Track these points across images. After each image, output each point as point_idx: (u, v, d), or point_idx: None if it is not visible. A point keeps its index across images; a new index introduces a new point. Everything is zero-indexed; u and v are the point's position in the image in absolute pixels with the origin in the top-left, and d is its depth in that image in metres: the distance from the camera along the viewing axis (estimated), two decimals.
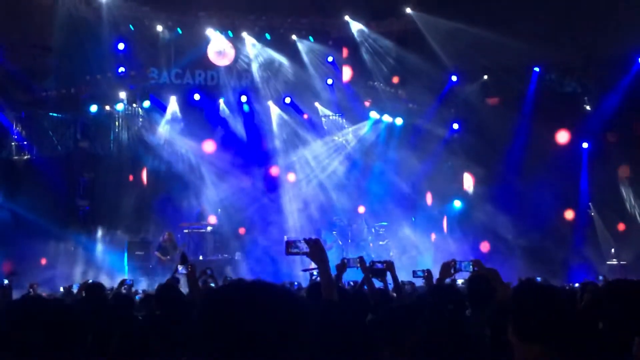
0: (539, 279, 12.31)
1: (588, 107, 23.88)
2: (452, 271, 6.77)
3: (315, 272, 8.82)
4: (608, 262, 21.53)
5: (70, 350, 3.35)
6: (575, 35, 20.17)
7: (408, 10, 23.36)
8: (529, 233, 22.26)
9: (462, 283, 8.58)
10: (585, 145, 23.52)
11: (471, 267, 7.57)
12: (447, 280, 7.39)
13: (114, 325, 5.80)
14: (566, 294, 5.82)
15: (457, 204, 24.04)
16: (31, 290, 12.56)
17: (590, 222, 23.43)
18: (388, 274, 7.53)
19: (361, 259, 7.53)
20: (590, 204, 23.53)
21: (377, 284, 7.77)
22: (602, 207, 23.11)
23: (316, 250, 4.74)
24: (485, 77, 24.24)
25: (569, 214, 23.37)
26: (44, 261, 19.81)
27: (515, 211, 23.01)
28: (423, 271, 8.14)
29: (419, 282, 9.81)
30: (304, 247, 4.80)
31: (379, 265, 7.45)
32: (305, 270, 9.44)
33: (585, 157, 23.53)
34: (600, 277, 15.10)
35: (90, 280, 11.38)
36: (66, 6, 20.95)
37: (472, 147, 23.29)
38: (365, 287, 8.06)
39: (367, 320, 5.62)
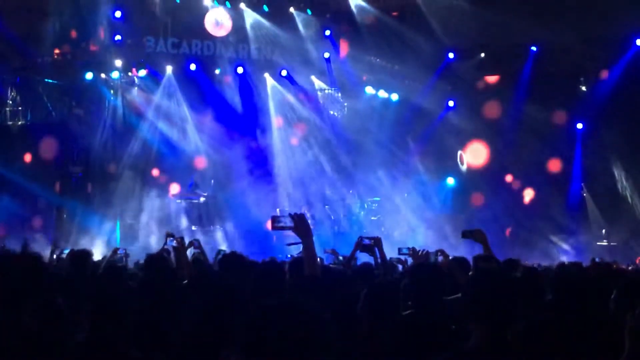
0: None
1: (584, 88, 23.89)
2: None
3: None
4: (598, 243, 21.67)
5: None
6: (573, 15, 20.09)
7: None
8: (520, 213, 22.38)
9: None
10: (579, 126, 23.56)
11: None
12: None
13: (104, 292, 5.86)
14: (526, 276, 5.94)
15: (451, 181, 24.12)
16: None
17: (583, 202, 23.55)
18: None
19: (377, 239, 7.50)
20: (582, 184, 23.64)
21: (368, 258, 7.84)
22: (595, 188, 23.21)
23: (301, 225, 4.81)
24: (482, 54, 24.19)
25: (562, 195, 23.45)
26: (36, 224, 19.97)
27: (507, 191, 23.12)
28: (408, 249, 8.20)
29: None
30: (289, 222, 4.86)
31: (367, 241, 7.52)
32: (290, 245, 9.50)
33: (579, 137, 23.58)
34: (597, 259, 15.04)
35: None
36: None
37: (467, 125, 23.31)
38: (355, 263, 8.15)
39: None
